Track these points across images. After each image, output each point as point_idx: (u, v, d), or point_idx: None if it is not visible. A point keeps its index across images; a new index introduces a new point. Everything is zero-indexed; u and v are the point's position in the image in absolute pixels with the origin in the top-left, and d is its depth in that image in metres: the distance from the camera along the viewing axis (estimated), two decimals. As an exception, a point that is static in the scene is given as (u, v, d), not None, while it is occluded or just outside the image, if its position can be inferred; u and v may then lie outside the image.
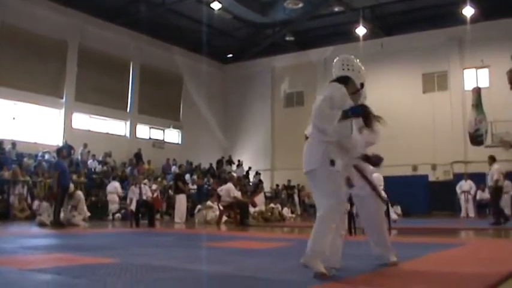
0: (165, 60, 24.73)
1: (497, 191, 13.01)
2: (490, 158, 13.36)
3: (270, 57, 27.09)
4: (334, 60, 4.37)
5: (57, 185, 12.11)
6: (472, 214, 19.13)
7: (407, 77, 24.43)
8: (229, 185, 15.14)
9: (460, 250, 6.66)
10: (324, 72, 25.46)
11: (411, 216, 18.50)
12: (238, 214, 14.86)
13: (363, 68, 4.32)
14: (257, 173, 25.21)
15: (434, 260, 5.36)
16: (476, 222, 15.26)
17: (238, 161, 26.42)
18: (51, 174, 14.02)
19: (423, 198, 22.52)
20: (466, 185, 19.67)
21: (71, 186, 13.59)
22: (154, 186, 16.62)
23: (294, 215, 20.39)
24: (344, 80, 4.19)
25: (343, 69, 4.25)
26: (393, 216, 15.23)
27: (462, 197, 19.72)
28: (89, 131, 22.01)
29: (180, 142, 26.48)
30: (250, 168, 25.91)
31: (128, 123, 23.86)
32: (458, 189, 19.94)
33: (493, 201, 13.31)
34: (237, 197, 15.10)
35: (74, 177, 16.35)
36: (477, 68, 22.88)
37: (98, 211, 16.83)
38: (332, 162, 3.99)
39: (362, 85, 4.27)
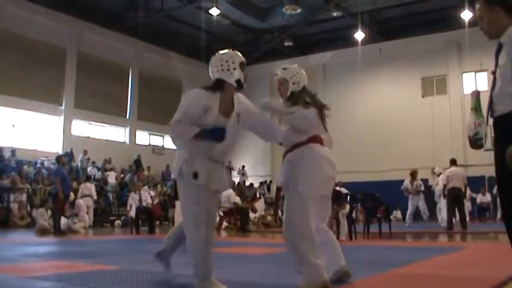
0: (164, 66, 24.75)
1: (448, 194, 12.44)
2: (450, 162, 12.87)
3: (268, 63, 27.03)
4: (212, 59, 3.72)
5: (61, 191, 12.03)
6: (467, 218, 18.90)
7: (406, 81, 24.45)
8: (229, 191, 15.12)
9: (461, 254, 6.66)
10: (323, 77, 25.51)
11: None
12: (238, 220, 14.89)
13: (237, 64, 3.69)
14: (264, 182, 25.29)
15: (435, 264, 5.36)
16: (477, 226, 15.23)
17: (243, 167, 25.92)
18: (52, 181, 14.00)
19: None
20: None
21: (72, 195, 13.56)
22: (153, 193, 16.58)
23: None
24: (219, 84, 3.65)
25: (218, 71, 3.66)
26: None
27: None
28: (89, 137, 22.01)
29: (179, 148, 26.40)
30: (243, 174, 25.70)
31: (127, 129, 23.86)
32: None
33: (447, 205, 12.60)
34: (237, 203, 15.12)
35: (74, 184, 16.34)
36: (476, 71, 22.87)
37: (98, 218, 16.78)
38: (195, 175, 3.40)
39: (239, 83, 3.71)
